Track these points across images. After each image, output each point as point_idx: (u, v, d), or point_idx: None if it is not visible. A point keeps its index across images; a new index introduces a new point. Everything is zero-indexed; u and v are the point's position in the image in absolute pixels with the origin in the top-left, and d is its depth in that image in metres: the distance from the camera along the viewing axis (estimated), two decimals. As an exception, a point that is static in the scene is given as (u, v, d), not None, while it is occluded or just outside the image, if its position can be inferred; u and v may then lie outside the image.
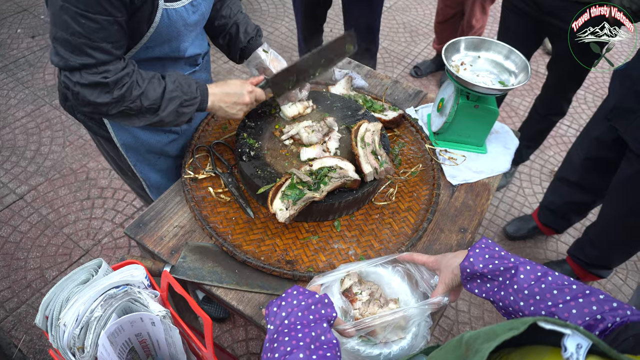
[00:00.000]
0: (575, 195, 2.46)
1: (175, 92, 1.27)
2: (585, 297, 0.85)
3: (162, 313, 1.15)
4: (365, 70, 2.06)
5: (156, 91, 1.24)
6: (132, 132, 1.50)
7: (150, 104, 1.24)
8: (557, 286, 0.89)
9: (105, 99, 1.19)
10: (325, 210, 1.42)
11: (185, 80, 1.30)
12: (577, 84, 2.56)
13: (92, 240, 2.60)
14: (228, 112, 1.42)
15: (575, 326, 0.57)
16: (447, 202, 1.59)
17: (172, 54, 1.36)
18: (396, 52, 4.16)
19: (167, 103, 1.26)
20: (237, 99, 1.40)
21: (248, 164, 1.47)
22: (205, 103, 1.35)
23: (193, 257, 1.37)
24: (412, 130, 1.78)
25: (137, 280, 1.20)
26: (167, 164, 1.66)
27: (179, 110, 1.29)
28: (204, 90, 1.35)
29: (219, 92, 1.38)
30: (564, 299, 0.86)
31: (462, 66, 1.67)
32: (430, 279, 1.16)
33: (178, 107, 1.28)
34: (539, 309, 0.88)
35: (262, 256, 1.36)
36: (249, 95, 1.42)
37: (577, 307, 0.84)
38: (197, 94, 1.31)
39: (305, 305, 0.91)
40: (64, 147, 3.05)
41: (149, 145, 1.56)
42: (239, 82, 1.42)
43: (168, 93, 1.26)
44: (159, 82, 1.25)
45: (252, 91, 1.43)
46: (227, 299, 1.30)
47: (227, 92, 1.39)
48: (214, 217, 1.44)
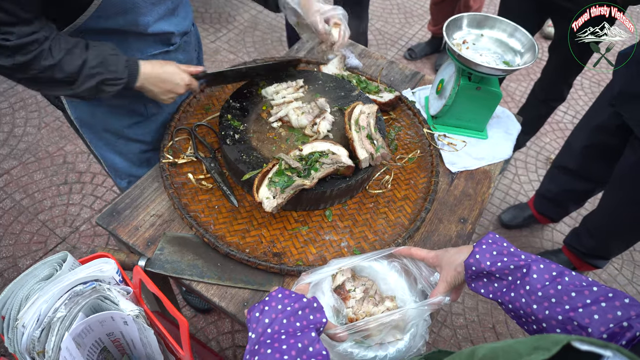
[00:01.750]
0: (573, 183, 2.38)
1: (97, 68, 1.13)
2: (609, 301, 0.75)
3: (135, 312, 1.04)
4: (360, 49, 1.93)
5: (74, 64, 1.10)
6: (88, 107, 1.38)
7: (64, 77, 1.10)
8: (575, 287, 0.79)
9: (4, 62, 1.05)
10: (316, 198, 1.31)
11: (112, 56, 1.16)
12: (579, 68, 2.46)
13: (70, 227, 2.46)
14: (158, 97, 1.31)
15: (617, 347, 0.48)
16: (446, 191, 1.49)
17: (129, 27, 1.21)
18: (390, 34, 4.02)
19: (85, 79, 1.13)
20: (171, 88, 1.30)
21: (232, 147, 1.35)
22: (133, 83, 1.23)
23: (171, 249, 1.25)
24: (409, 114, 1.66)
25: (107, 276, 1.09)
26: (130, 148, 1.53)
27: (99, 88, 1.16)
28: (134, 69, 1.22)
29: (153, 76, 1.26)
30: (584, 302, 0.77)
31: (464, 45, 1.55)
32: (429, 276, 1.06)
33: (99, 84, 1.15)
34: (554, 313, 0.79)
35: (247, 248, 1.25)
36: (185, 87, 1.32)
37: (599, 312, 0.75)
38: (124, 76, 1.18)
39: (291, 310, 0.80)
40: (40, 128, 2.88)
41: (106, 124, 1.43)
42: (177, 71, 1.30)
43: (88, 69, 1.12)
44: (80, 53, 1.11)
45: (189, 83, 1.33)
46: (208, 295, 1.19)
47: (162, 78, 1.27)
48: (195, 206, 1.32)
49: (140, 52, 1.32)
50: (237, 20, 3.86)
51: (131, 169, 1.59)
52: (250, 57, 3.55)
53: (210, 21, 3.86)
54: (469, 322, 2.34)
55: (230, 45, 3.66)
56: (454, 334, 2.30)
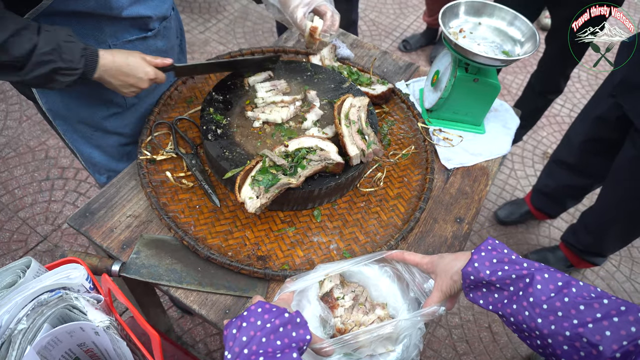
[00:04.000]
0: (572, 178, 2.31)
1: (49, 55, 1.01)
2: (621, 315, 0.68)
3: (105, 323, 0.96)
4: (351, 39, 1.84)
5: (22, 48, 0.98)
6: (61, 97, 1.28)
7: (9, 60, 0.98)
8: (583, 300, 0.72)
9: None
10: (303, 198, 1.23)
11: (67, 44, 1.04)
12: (576, 60, 2.39)
13: (51, 225, 2.37)
14: (119, 90, 1.20)
15: None
16: (442, 189, 1.41)
17: (100, 10, 1.11)
18: (384, 25, 3.92)
19: (35, 67, 1.01)
20: (134, 82, 1.18)
21: (214, 143, 1.26)
22: (90, 74, 1.11)
23: (148, 253, 1.17)
24: (403, 107, 1.58)
25: (75, 283, 1.00)
26: (108, 141, 1.43)
27: (51, 77, 1.05)
28: (92, 59, 1.10)
29: (113, 67, 1.14)
30: (594, 316, 0.70)
31: (460, 33, 1.47)
32: (423, 283, 0.98)
33: (50, 73, 1.03)
34: (561, 328, 0.71)
35: (230, 251, 1.17)
36: (148, 81, 1.21)
37: (611, 327, 0.67)
38: (79, 66, 1.06)
39: (272, 327, 0.72)
40: (21, 122, 2.78)
41: (81, 116, 1.33)
42: (142, 63, 1.19)
43: (38, 55, 1.00)
44: (30, 36, 0.99)
45: (154, 77, 1.21)
46: (187, 301, 1.11)
47: (124, 71, 1.16)
48: (175, 206, 1.24)
49: (115, 38, 1.22)
50: (227, 10, 3.74)
51: (110, 163, 1.50)
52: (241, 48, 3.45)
53: (200, 11, 3.74)
54: (464, 322, 2.28)
55: (220, 36, 3.55)
56: (449, 333, 2.23)
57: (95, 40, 1.20)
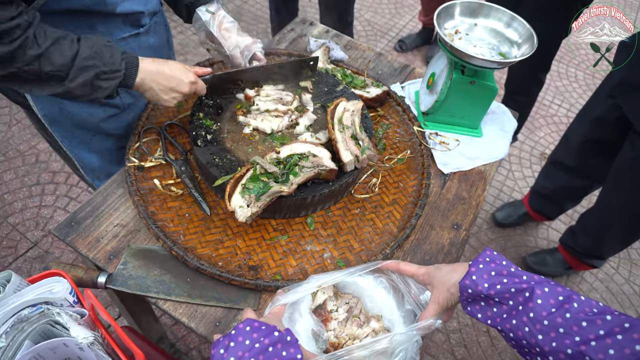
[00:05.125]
0: (570, 180, 2.28)
1: (91, 60, 1.00)
2: (625, 333, 0.65)
3: (89, 339, 0.92)
4: (345, 41, 1.81)
5: (64, 55, 0.97)
6: (57, 102, 1.24)
7: (54, 70, 0.97)
8: (586, 316, 0.69)
9: None
10: (296, 205, 1.19)
11: (107, 47, 1.03)
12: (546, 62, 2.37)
13: (42, 230, 2.32)
14: (159, 97, 1.16)
15: None
16: (438, 194, 1.38)
17: (95, 6, 1.09)
18: (379, 25, 3.89)
19: (78, 72, 0.99)
20: (175, 85, 1.15)
21: (204, 149, 1.23)
22: (132, 79, 1.09)
23: (136, 264, 1.13)
24: (398, 110, 1.55)
25: (58, 297, 0.97)
26: (106, 145, 1.40)
27: (95, 84, 1.03)
28: (133, 63, 1.08)
29: (154, 70, 1.12)
30: (597, 333, 0.66)
31: (456, 35, 1.44)
32: (419, 295, 0.95)
33: (93, 79, 1.02)
34: (563, 345, 0.68)
35: (220, 261, 1.13)
36: (190, 85, 1.18)
37: (614, 345, 0.64)
38: (121, 67, 1.05)
39: (261, 347, 0.69)
40: (10, 125, 2.73)
41: (79, 120, 1.30)
42: (182, 67, 1.17)
43: (80, 60, 0.99)
44: (71, 44, 0.98)
45: (195, 82, 1.20)
46: (176, 314, 1.08)
47: (165, 73, 1.13)
48: (163, 214, 1.20)
49: (108, 36, 1.20)
50: (221, 11, 3.70)
51: (110, 168, 1.47)
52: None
53: (193, 12, 3.69)
54: (462, 326, 2.25)
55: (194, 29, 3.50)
56: (447, 338, 2.20)
57: None
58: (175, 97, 1.17)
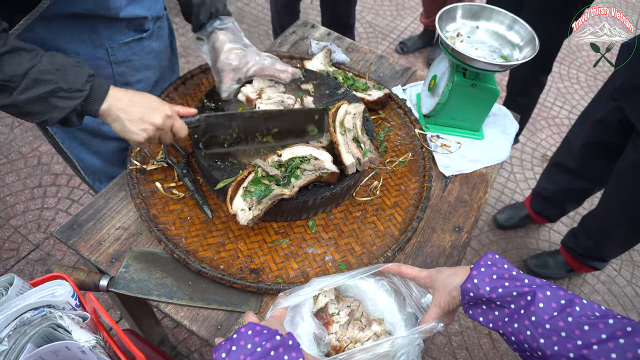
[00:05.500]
0: (572, 182, 2.28)
1: (50, 75, 0.92)
2: (627, 337, 0.65)
3: (91, 342, 0.93)
4: (347, 43, 1.81)
5: (19, 66, 0.90)
6: None
7: (2, 80, 0.89)
8: (588, 320, 0.69)
9: None
10: (297, 208, 1.19)
11: (74, 67, 0.96)
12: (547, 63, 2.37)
13: (44, 233, 2.33)
14: (127, 128, 1.03)
15: None
16: (440, 197, 1.38)
17: (99, 10, 1.08)
18: (381, 27, 3.89)
19: (31, 85, 0.91)
20: (145, 115, 1.03)
21: (206, 152, 1.23)
22: (97, 104, 0.99)
23: (138, 267, 1.14)
24: (400, 113, 1.55)
25: (60, 301, 0.97)
26: (107, 147, 1.40)
27: (51, 101, 0.94)
28: (101, 87, 0.99)
29: (124, 99, 1.02)
30: (599, 337, 0.66)
31: (458, 37, 1.44)
32: (421, 298, 0.95)
33: (49, 95, 0.93)
34: (565, 349, 0.68)
35: (222, 264, 1.14)
36: (164, 118, 1.04)
37: (617, 350, 0.64)
38: (84, 88, 0.96)
39: (262, 351, 0.69)
40: (12, 128, 2.74)
41: None
42: (159, 100, 1.07)
43: (36, 72, 0.91)
44: (32, 58, 0.92)
45: (170, 116, 1.06)
46: (178, 317, 1.08)
47: (135, 102, 1.03)
48: (165, 217, 1.20)
49: (111, 40, 1.21)
50: (223, 13, 3.70)
51: (111, 170, 1.47)
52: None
53: (195, 14, 3.70)
54: (464, 329, 2.24)
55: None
56: (449, 341, 2.20)
57: (92, 44, 1.18)
58: (146, 130, 1.03)
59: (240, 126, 1.20)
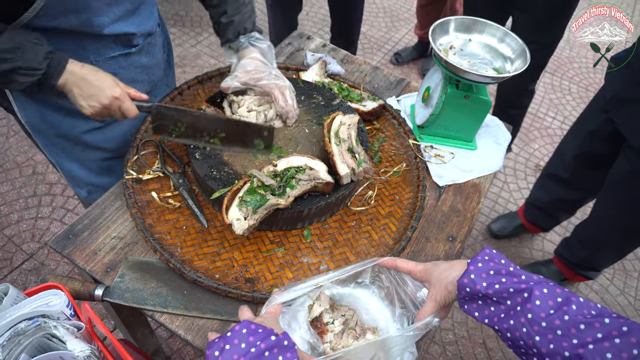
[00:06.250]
0: (565, 192, 2.30)
1: (10, 54, 0.98)
2: (623, 337, 0.66)
3: (85, 352, 0.92)
4: (342, 55, 1.84)
5: None
6: (39, 110, 1.25)
7: None
8: (584, 318, 0.70)
9: None
10: (292, 218, 1.20)
11: (32, 45, 1.00)
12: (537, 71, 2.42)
13: (38, 242, 2.32)
14: (76, 100, 1.10)
15: None
16: (434, 207, 1.39)
17: (83, 27, 1.10)
18: (376, 38, 3.94)
19: None
20: (94, 94, 1.09)
21: (202, 162, 1.24)
22: (54, 79, 1.05)
23: (133, 276, 1.14)
24: (394, 123, 1.57)
25: (55, 311, 0.97)
26: (88, 156, 1.40)
27: (10, 77, 1.01)
28: (58, 64, 1.04)
29: (79, 75, 1.07)
30: (594, 336, 0.67)
31: (451, 50, 1.46)
32: (416, 292, 0.96)
33: (8, 72, 0.99)
34: (560, 348, 0.69)
35: (217, 273, 1.14)
36: (111, 99, 1.10)
37: (612, 349, 0.65)
38: (42, 67, 1.01)
39: (257, 351, 0.69)
40: (8, 137, 2.74)
41: (59, 129, 1.30)
42: (112, 81, 1.11)
43: None
44: None
45: (119, 98, 1.11)
46: (173, 327, 1.08)
47: (88, 80, 1.08)
48: (161, 227, 1.21)
49: (97, 54, 1.21)
50: (219, 24, 3.74)
51: (90, 178, 1.47)
52: (232, 61, 3.44)
53: (191, 24, 3.74)
54: (458, 338, 2.25)
55: (212, 49, 3.54)
56: (443, 350, 2.20)
57: (78, 57, 1.17)
58: (93, 107, 1.10)
59: (188, 123, 1.23)
